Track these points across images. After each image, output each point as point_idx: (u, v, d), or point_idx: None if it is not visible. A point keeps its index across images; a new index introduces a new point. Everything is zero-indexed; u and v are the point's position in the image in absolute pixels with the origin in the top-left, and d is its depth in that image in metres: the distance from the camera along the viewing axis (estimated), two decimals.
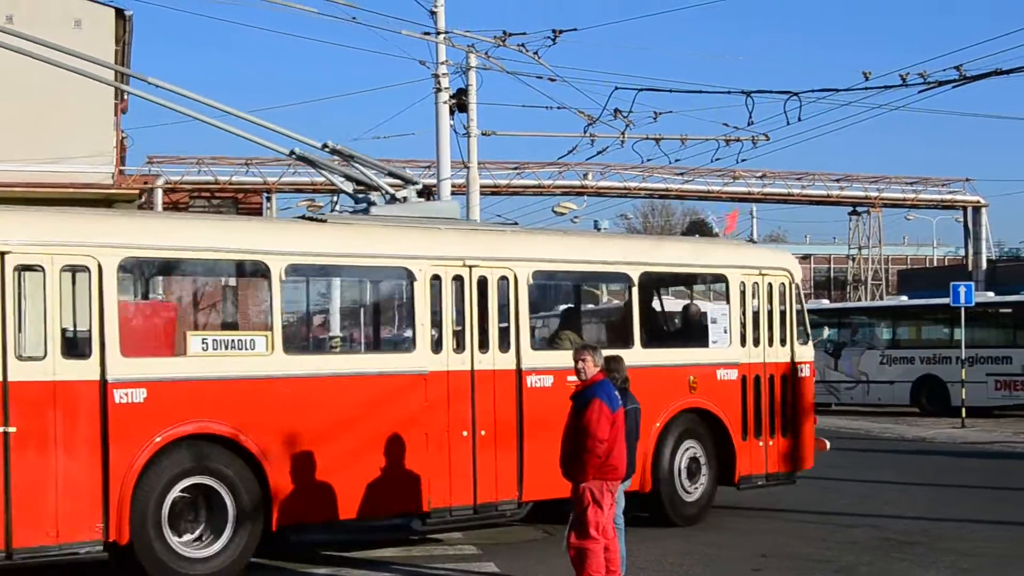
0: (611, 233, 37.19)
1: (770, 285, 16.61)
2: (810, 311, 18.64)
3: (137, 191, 29.56)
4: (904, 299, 43.22)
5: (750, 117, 26.41)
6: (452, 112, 28.32)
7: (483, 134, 29.92)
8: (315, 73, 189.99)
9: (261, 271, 12.72)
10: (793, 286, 16.91)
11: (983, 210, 54.68)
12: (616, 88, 26.90)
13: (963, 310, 32.78)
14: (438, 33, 26.82)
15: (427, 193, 15.42)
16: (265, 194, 50.08)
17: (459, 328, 13.77)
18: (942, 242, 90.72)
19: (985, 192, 60.66)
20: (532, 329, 14.65)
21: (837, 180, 54.58)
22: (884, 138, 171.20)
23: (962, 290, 32.61)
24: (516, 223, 17.12)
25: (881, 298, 59.48)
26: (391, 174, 15.53)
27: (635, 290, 15.33)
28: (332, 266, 14.08)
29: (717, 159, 32.29)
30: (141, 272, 12.97)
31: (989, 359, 35.67)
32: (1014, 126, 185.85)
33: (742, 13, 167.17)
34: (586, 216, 56.34)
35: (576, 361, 10.81)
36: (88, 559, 11.30)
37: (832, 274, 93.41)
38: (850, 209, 59.57)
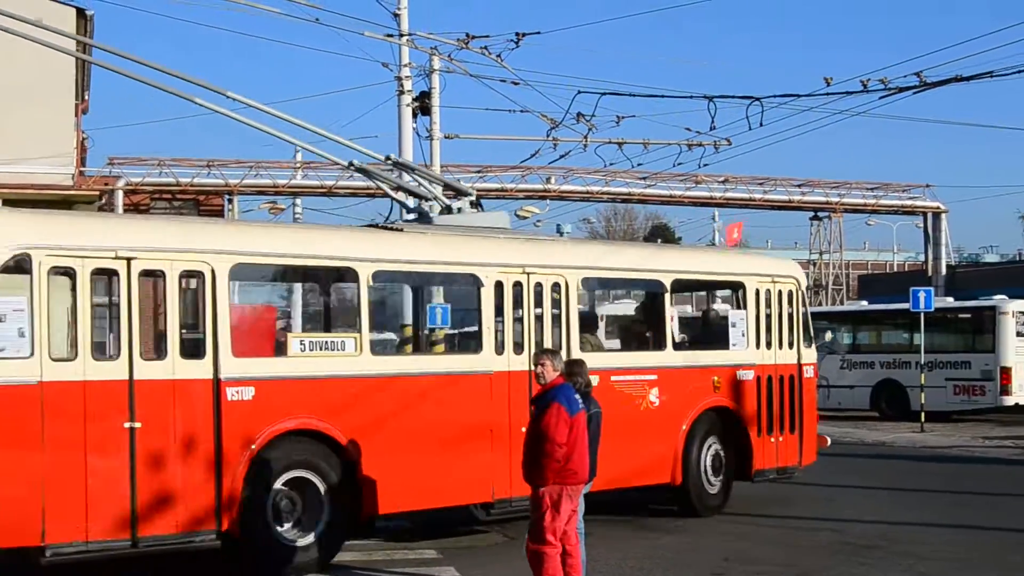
0: (643, 244, 37.06)
1: (780, 292, 17.74)
2: None
3: (97, 192, 29.34)
4: (864, 304, 43.44)
5: (712, 122, 26.53)
6: (415, 115, 28.29)
7: (446, 137, 29.91)
8: (277, 74, 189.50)
9: (351, 276, 13.47)
10: (799, 292, 18.06)
11: (943, 216, 55.00)
12: (579, 92, 26.95)
13: (923, 315, 32.96)
14: (401, 35, 26.79)
15: (478, 203, 16.27)
16: (227, 196, 49.84)
17: (518, 331, 14.68)
18: (902, 247, 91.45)
19: (945, 198, 61.04)
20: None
21: (799, 185, 54.79)
22: (845, 144, 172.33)
23: (922, 295, 32.80)
24: (563, 233, 17.71)
25: (842, 303, 59.80)
26: (447, 186, 16.49)
27: (667, 296, 16.46)
28: (409, 272, 14.75)
29: (679, 163, 32.42)
30: (247, 277, 13.81)
31: (948, 364, 35.88)
32: (974, 132, 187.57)
33: (705, 18, 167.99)
34: (549, 220, 56.38)
35: (536, 365, 10.83)
36: (203, 548, 12.03)
37: None
38: (811, 214, 59.86)
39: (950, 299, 40.18)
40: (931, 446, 28.11)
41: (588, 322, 17.45)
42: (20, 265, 11.20)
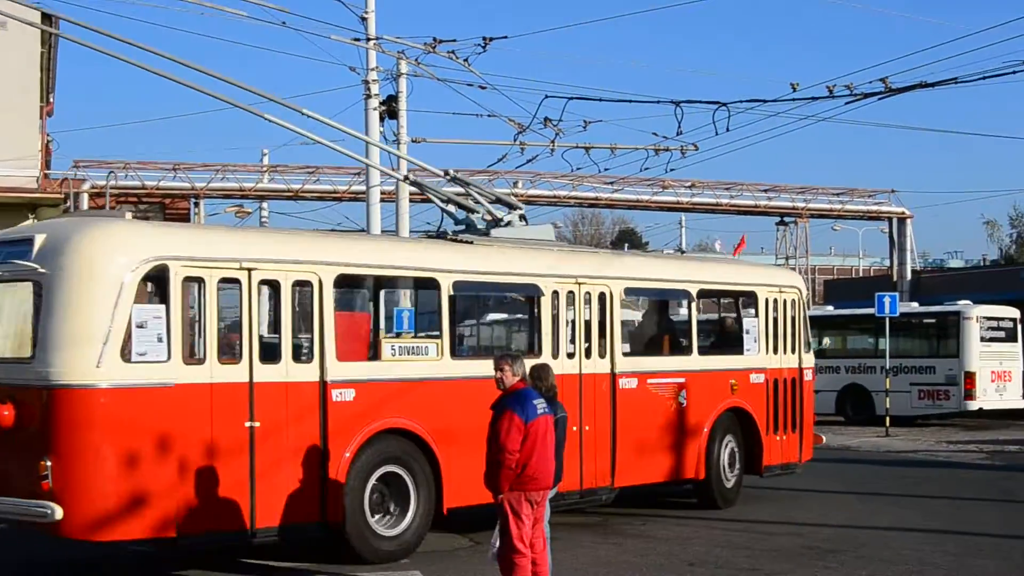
0: (672, 255, 37.48)
1: (785, 301, 19.31)
2: None
3: (62, 195, 29.18)
4: (830, 309, 43.56)
5: (679, 127, 26.56)
6: (382, 119, 28.23)
7: (413, 141, 29.87)
8: (244, 78, 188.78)
9: (433, 285, 14.53)
10: (801, 301, 19.66)
11: (908, 221, 55.24)
12: (546, 96, 27.08)
13: (887, 320, 33.14)
14: (368, 39, 26.72)
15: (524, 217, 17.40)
16: (193, 199, 49.61)
17: (571, 337, 15.94)
18: (868, 253, 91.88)
19: (910, 203, 61.48)
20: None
21: (765, 190, 54.92)
22: (812, 149, 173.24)
23: (887, 300, 32.98)
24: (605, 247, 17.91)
25: (808, 308, 59.97)
26: (499, 200, 17.46)
27: (693, 304, 17.97)
28: (480, 282, 15.61)
29: (646, 168, 32.43)
30: (346, 286, 14.56)
31: (913, 369, 36.09)
32: (939, 139, 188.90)
33: (672, 24, 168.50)
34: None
35: (495, 371, 10.74)
36: (311, 537, 13.22)
37: None
38: (778, 219, 60.05)
39: (915, 304, 40.42)
40: (896, 450, 28.26)
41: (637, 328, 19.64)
42: (159, 275, 12.04)
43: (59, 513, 11.29)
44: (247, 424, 12.42)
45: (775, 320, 19.02)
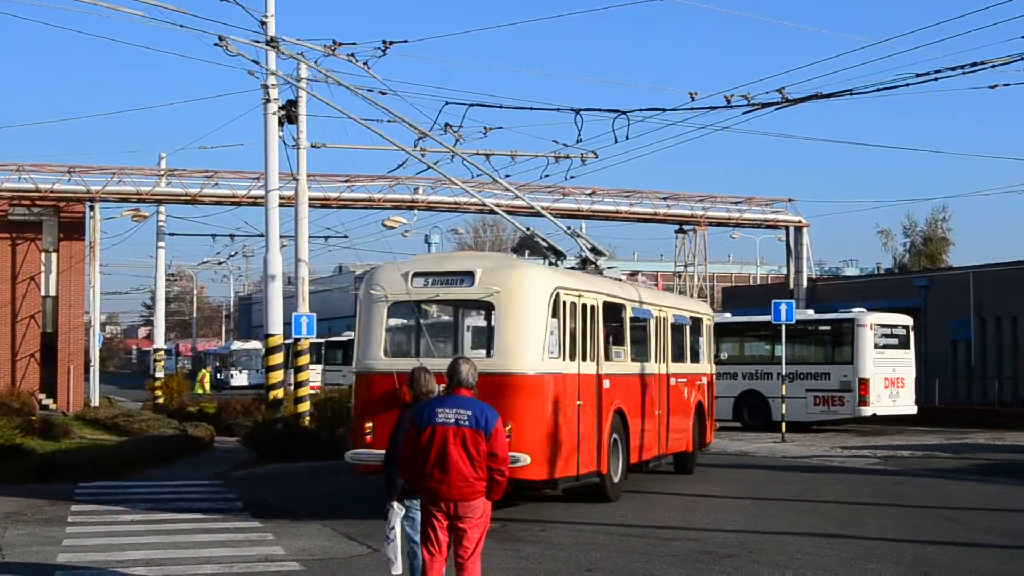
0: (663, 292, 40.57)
1: (709, 324, 26.67)
2: None
3: None
4: (728, 316, 43.95)
5: (579, 134, 26.62)
6: (281, 123, 28.02)
7: (312, 146, 29.66)
8: (142, 81, 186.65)
9: (624, 310, 21.02)
10: (711, 324, 26.87)
11: (804, 230, 55.82)
12: (447, 103, 26.79)
13: (783, 327, 33.53)
14: (267, 42, 26.44)
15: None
16: (88, 203, 48.78)
17: (663, 347, 23.00)
18: (765, 260, 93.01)
19: (806, 212, 62.14)
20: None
21: (664, 198, 55.19)
22: (710, 158, 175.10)
23: (783, 307, 33.35)
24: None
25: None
26: (594, 248, 23.25)
27: (690, 327, 24.98)
28: (636, 308, 21.61)
29: (547, 176, 32.52)
30: (599, 308, 19.54)
31: (808, 375, 36.57)
32: (835, 149, 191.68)
33: (572, 33, 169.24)
34: (417, 230, 56.26)
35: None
36: (590, 483, 18.79)
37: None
38: (677, 227, 60.41)
39: (811, 311, 40.93)
40: (792, 456, 28.58)
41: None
42: (555, 299, 17.71)
43: (527, 460, 16.49)
44: (576, 402, 17.99)
45: (708, 339, 26.28)
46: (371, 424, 17.33)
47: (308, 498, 20.65)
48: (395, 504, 10.92)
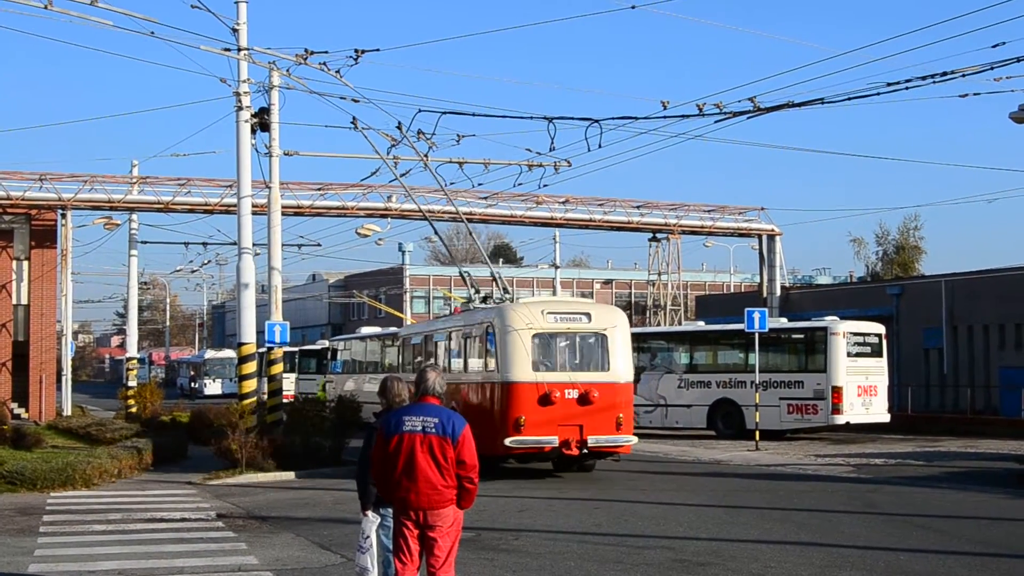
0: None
1: (628, 334, 26.84)
2: None
3: None
4: (701, 324, 44.06)
5: (552, 143, 26.72)
6: (254, 131, 27.97)
7: (285, 154, 29.62)
8: (114, 89, 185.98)
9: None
10: (628, 333, 27.14)
11: (777, 238, 55.97)
12: (420, 111, 26.98)
13: (757, 335, 33.59)
14: (239, 50, 26.40)
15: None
16: (60, 211, 48.52)
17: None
18: (739, 269, 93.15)
19: (779, 221, 62.25)
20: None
21: (637, 207, 55.25)
22: (683, 166, 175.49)
23: (756, 316, 33.44)
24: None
25: (679, 323, 60.56)
26: (505, 289, 29.08)
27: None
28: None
29: (520, 184, 32.63)
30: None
31: (782, 383, 36.63)
32: (807, 158, 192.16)
33: (545, 40, 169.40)
34: (391, 238, 56.11)
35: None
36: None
37: (633, 299, 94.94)
38: (650, 235, 60.49)
39: (784, 320, 41.03)
40: (765, 464, 28.62)
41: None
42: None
43: (635, 439, 26.04)
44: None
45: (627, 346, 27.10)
46: (524, 418, 24.22)
47: (281, 507, 20.59)
48: (369, 513, 10.88)
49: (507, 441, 24.19)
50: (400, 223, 53.07)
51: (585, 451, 24.90)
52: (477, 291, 29.69)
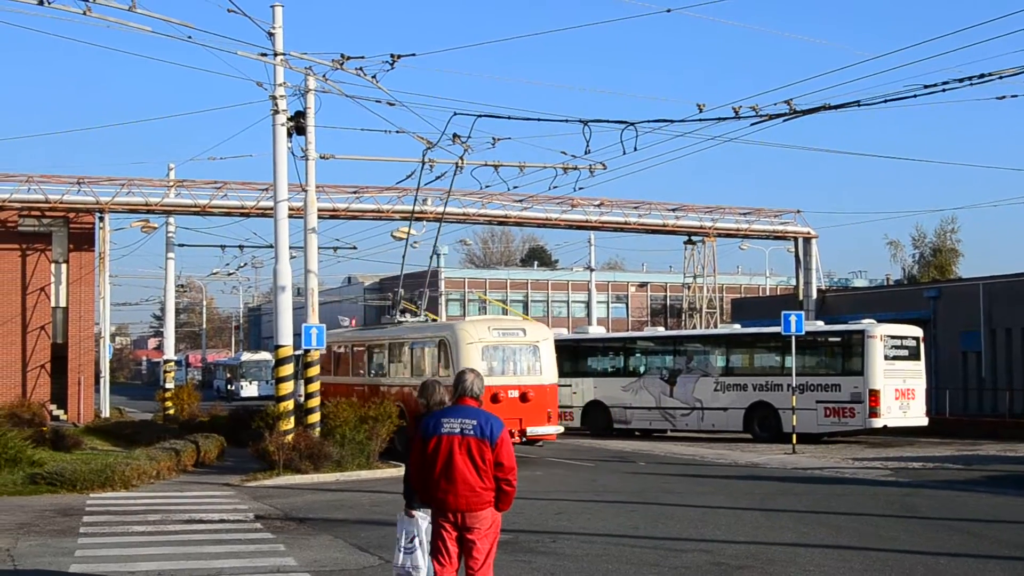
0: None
1: (552, 344, 31.97)
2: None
3: None
4: (737, 327, 43.91)
5: (587, 146, 26.76)
6: (290, 134, 28.07)
7: (321, 157, 29.74)
8: (151, 92, 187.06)
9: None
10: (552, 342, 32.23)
11: (813, 241, 55.78)
12: (455, 114, 26.95)
13: (793, 338, 33.51)
14: (275, 55, 26.51)
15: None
16: (98, 214, 48.85)
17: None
18: (775, 271, 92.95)
19: (815, 223, 62.01)
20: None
21: (673, 210, 55.16)
22: (719, 169, 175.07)
23: (793, 319, 33.35)
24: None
25: (715, 326, 60.44)
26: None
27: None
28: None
29: (555, 187, 32.68)
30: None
31: (819, 387, 36.50)
32: (843, 160, 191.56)
33: (581, 44, 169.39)
34: (426, 241, 56.16)
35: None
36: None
37: (668, 302, 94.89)
38: (685, 238, 60.42)
39: (820, 323, 40.86)
40: (802, 467, 28.53)
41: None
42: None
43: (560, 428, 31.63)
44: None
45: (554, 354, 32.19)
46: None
47: (319, 509, 20.67)
48: (417, 512, 10.81)
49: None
50: (436, 226, 53.14)
51: (524, 439, 30.33)
52: (401, 311, 36.14)
